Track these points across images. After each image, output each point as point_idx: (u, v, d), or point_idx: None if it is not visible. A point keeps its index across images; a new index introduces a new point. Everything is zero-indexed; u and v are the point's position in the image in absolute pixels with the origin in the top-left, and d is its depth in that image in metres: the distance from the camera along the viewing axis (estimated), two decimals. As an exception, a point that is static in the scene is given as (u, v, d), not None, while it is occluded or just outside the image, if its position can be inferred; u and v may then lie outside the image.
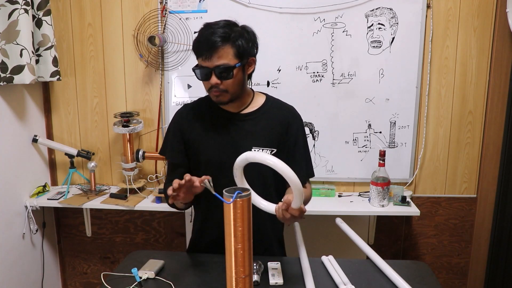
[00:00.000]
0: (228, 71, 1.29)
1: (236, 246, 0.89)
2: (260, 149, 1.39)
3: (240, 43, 1.30)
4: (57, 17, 2.18)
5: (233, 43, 1.29)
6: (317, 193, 2.16)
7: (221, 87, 1.31)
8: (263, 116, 1.42)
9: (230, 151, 1.36)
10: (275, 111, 1.44)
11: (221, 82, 1.30)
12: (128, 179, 2.15)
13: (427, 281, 1.30)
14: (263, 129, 1.41)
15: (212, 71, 1.29)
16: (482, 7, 2.03)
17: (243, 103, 1.42)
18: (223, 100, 1.34)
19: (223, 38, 1.27)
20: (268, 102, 1.46)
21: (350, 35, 2.07)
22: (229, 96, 1.33)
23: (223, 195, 0.89)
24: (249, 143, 1.39)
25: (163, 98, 2.21)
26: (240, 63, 1.31)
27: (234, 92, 1.34)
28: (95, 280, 2.51)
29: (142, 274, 1.29)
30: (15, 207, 2.07)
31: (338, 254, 1.47)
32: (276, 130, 1.42)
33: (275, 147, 1.41)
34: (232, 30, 1.30)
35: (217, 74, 1.29)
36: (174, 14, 2.12)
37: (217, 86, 1.31)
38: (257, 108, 1.43)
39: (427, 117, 2.14)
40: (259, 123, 1.41)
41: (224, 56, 1.28)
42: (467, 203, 2.24)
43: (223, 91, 1.32)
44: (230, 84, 1.31)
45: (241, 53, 1.31)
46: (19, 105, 2.09)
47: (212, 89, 1.33)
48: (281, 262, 1.38)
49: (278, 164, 1.04)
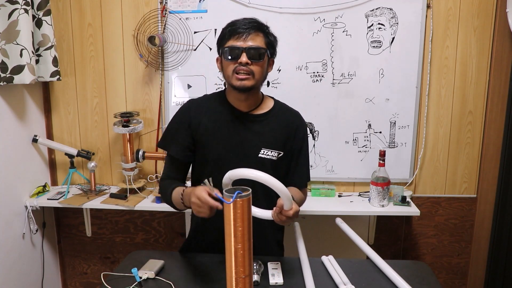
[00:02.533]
0: (260, 53, 1.33)
1: (236, 246, 0.89)
2: (269, 151, 1.42)
3: (271, 38, 1.39)
4: (57, 17, 2.18)
5: (265, 34, 1.37)
6: (317, 193, 2.16)
7: (249, 68, 1.32)
8: (272, 119, 1.45)
9: (239, 150, 1.39)
10: (284, 115, 1.47)
11: (251, 63, 1.32)
12: (128, 179, 2.15)
13: (427, 281, 1.30)
14: (272, 132, 1.43)
15: (243, 51, 1.31)
16: (482, 7, 2.03)
17: (254, 103, 1.44)
18: (247, 84, 1.34)
19: (259, 25, 1.36)
20: (277, 105, 1.49)
21: (350, 35, 2.07)
22: (253, 81, 1.35)
23: (223, 195, 0.89)
24: (259, 144, 1.41)
25: (163, 98, 2.21)
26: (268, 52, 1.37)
27: (258, 79, 1.36)
28: (95, 280, 2.51)
29: (142, 274, 1.29)
30: (15, 207, 2.07)
31: (338, 254, 1.47)
32: (284, 133, 1.44)
33: (282, 150, 1.44)
34: (264, 25, 1.38)
35: (249, 54, 1.32)
36: (174, 14, 2.12)
37: (246, 66, 1.32)
38: (267, 110, 1.45)
39: (427, 117, 2.14)
40: (268, 125, 1.43)
41: (257, 40, 1.34)
42: (467, 203, 2.24)
43: (250, 74, 1.33)
44: (257, 68, 1.34)
45: (270, 46, 1.38)
46: (19, 105, 2.09)
47: (237, 71, 1.33)
48: (281, 262, 1.38)
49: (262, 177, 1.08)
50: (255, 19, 1.37)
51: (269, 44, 1.37)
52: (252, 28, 1.33)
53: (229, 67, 1.34)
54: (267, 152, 1.41)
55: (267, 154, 1.42)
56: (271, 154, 1.42)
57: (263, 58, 1.34)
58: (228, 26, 1.37)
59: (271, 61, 1.43)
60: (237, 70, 1.32)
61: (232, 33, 1.33)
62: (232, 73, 1.34)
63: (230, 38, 1.34)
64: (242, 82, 1.33)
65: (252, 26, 1.33)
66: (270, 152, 1.42)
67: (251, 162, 1.39)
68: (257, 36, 1.34)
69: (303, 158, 1.50)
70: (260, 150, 1.41)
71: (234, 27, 1.34)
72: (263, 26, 1.37)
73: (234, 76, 1.34)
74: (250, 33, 1.32)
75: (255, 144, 1.41)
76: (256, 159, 1.40)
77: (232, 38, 1.33)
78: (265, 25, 1.38)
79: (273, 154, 1.42)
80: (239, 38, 1.32)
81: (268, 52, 1.37)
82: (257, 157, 1.41)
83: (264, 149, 1.41)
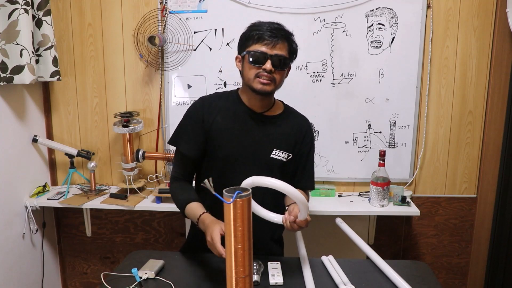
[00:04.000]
0: (284, 62, 1.36)
1: (236, 246, 0.89)
2: (280, 152, 1.44)
3: (294, 46, 1.41)
4: (57, 17, 2.18)
5: (290, 44, 1.38)
6: (317, 193, 2.16)
7: (272, 75, 1.35)
8: (284, 121, 1.47)
9: (250, 149, 1.41)
10: (294, 118, 1.51)
11: (275, 70, 1.34)
12: (128, 179, 2.15)
13: (427, 281, 1.30)
14: (283, 134, 1.45)
15: (269, 58, 1.33)
16: (482, 7, 2.03)
17: (268, 104, 1.46)
18: (268, 89, 1.36)
19: (286, 33, 1.37)
20: (287, 109, 1.53)
21: (350, 35, 2.07)
22: (273, 87, 1.38)
23: (223, 195, 0.89)
24: (271, 145, 1.43)
25: (163, 98, 2.21)
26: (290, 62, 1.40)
27: (278, 85, 1.39)
28: (95, 280, 2.51)
29: (142, 274, 1.29)
30: (15, 207, 2.07)
31: (338, 254, 1.47)
32: (294, 137, 1.47)
33: (291, 153, 1.47)
34: (290, 33, 1.39)
35: (274, 62, 1.33)
36: (174, 14, 2.12)
37: (270, 73, 1.34)
38: (279, 112, 1.48)
39: (427, 117, 2.14)
40: (280, 127, 1.46)
41: (283, 49, 1.36)
42: (467, 203, 2.24)
43: (271, 81, 1.35)
44: (279, 76, 1.37)
45: (292, 53, 1.40)
46: (19, 105, 2.09)
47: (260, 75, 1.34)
48: (281, 262, 1.38)
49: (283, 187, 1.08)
50: (282, 25, 1.38)
51: (292, 52, 1.40)
52: (280, 36, 1.34)
53: (251, 70, 1.36)
54: (278, 153, 1.44)
55: (278, 155, 1.44)
56: (281, 156, 1.44)
57: (286, 67, 1.38)
58: (255, 29, 1.37)
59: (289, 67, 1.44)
60: (259, 75, 1.35)
61: (260, 38, 1.34)
62: (254, 76, 1.35)
63: (257, 42, 1.35)
64: (263, 87, 1.35)
65: (279, 35, 1.34)
66: (281, 154, 1.44)
67: (262, 162, 1.41)
68: (283, 44, 1.35)
69: (310, 163, 1.53)
70: (272, 151, 1.43)
71: (262, 32, 1.34)
72: (289, 34, 1.39)
73: (256, 80, 1.35)
74: (278, 41, 1.34)
75: (267, 144, 1.43)
76: (267, 159, 1.42)
77: (259, 42, 1.34)
78: (290, 32, 1.39)
79: (284, 155, 1.45)
80: (266, 44, 1.34)
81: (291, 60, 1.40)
82: (268, 158, 1.43)
83: (276, 150, 1.43)
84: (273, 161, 1.43)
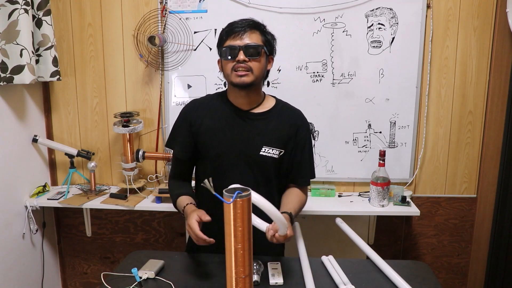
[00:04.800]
0: (257, 50, 1.35)
1: (236, 246, 0.89)
2: (270, 149, 1.43)
3: (268, 36, 1.41)
4: (57, 17, 2.18)
5: (262, 32, 1.39)
6: (317, 193, 2.16)
7: (248, 65, 1.34)
8: (273, 117, 1.46)
9: (239, 148, 1.41)
10: (286, 113, 1.48)
11: (249, 60, 1.34)
12: (128, 179, 2.15)
13: (427, 281, 1.30)
14: (273, 130, 1.44)
15: (240, 49, 1.34)
16: (482, 7, 2.03)
17: (256, 100, 1.45)
18: (247, 80, 1.35)
19: (255, 24, 1.39)
20: (279, 104, 1.50)
21: (350, 35, 2.07)
22: (253, 77, 1.36)
23: (223, 195, 0.89)
24: (260, 142, 1.42)
25: (163, 98, 2.21)
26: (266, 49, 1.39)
27: (257, 76, 1.38)
28: (95, 280, 2.51)
29: (142, 274, 1.29)
30: (15, 207, 2.07)
31: (338, 254, 1.47)
32: (286, 132, 1.45)
33: (283, 149, 1.45)
34: (261, 24, 1.41)
35: (246, 51, 1.34)
36: (174, 14, 2.12)
37: (244, 62, 1.34)
38: (268, 109, 1.47)
39: (427, 117, 2.14)
40: (270, 123, 1.44)
41: (253, 38, 1.36)
42: (467, 203, 2.24)
43: (249, 71, 1.35)
44: (256, 64, 1.36)
45: (267, 43, 1.40)
46: (19, 105, 2.09)
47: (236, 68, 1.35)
48: (281, 262, 1.38)
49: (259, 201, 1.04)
50: (251, 18, 1.40)
51: (266, 41, 1.40)
52: (248, 26, 1.36)
53: (228, 65, 1.37)
54: (268, 150, 1.42)
55: (268, 152, 1.42)
56: (272, 152, 1.43)
57: (260, 54, 1.36)
58: (225, 28, 1.40)
59: (270, 58, 1.44)
60: (235, 68, 1.35)
61: (229, 33, 1.37)
62: (231, 71, 1.36)
63: (227, 38, 1.37)
64: (241, 79, 1.35)
65: (248, 25, 1.36)
66: (272, 150, 1.43)
67: (251, 160, 1.41)
68: (254, 33, 1.37)
69: (305, 156, 1.50)
70: (261, 148, 1.42)
71: (231, 28, 1.37)
72: (259, 25, 1.40)
73: (233, 74, 1.36)
74: (246, 31, 1.35)
75: (256, 142, 1.42)
76: (256, 157, 1.42)
77: (229, 38, 1.36)
78: (261, 23, 1.41)
79: (274, 152, 1.43)
80: (236, 37, 1.35)
81: (266, 49, 1.39)
82: (257, 155, 1.42)
83: (265, 147, 1.42)
84: (263, 158, 1.42)
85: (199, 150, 1.46)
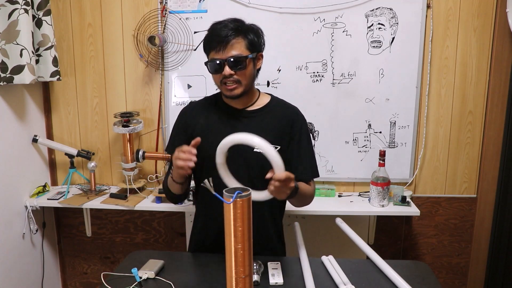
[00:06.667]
0: (241, 62, 1.33)
1: (236, 246, 0.89)
2: None
3: (251, 36, 1.36)
4: (57, 17, 2.18)
5: (244, 35, 1.34)
6: (317, 193, 2.16)
7: (235, 77, 1.33)
8: (268, 114, 1.45)
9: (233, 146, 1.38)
10: (280, 109, 1.48)
11: (235, 72, 1.33)
12: (128, 179, 2.15)
13: (427, 281, 1.30)
14: (268, 126, 1.43)
15: (225, 62, 1.32)
16: (482, 7, 2.03)
17: (250, 100, 1.45)
18: (237, 92, 1.36)
19: (235, 30, 1.32)
20: (273, 101, 1.50)
21: (350, 35, 2.07)
22: (242, 88, 1.36)
23: (223, 195, 0.89)
24: None
25: (163, 98, 2.21)
26: (251, 55, 1.35)
27: (246, 84, 1.37)
28: (95, 280, 2.51)
29: (142, 274, 1.29)
30: (15, 207, 2.07)
31: (338, 254, 1.47)
32: (281, 127, 1.45)
33: (279, 144, 1.43)
34: (242, 24, 1.36)
35: (231, 64, 1.32)
36: (174, 14, 2.12)
37: (231, 77, 1.33)
38: (262, 106, 1.46)
39: (427, 117, 2.14)
40: (264, 120, 1.44)
41: (237, 48, 1.32)
42: (467, 203, 2.24)
43: (237, 82, 1.34)
44: (243, 74, 1.34)
45: (252, 45, 1.36)
46: (19, 105, 2.09)
47: (225, 82, 1.34)
48: (281, 262, 1.38)
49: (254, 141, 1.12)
50: (232, 22, 1.34)
51: (251, 44, 1.35)
52: (230, 35, 1.31)
53: (215, 77, 1.38)
54: None
55: None
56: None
57: (245, 65, 1.34)
58: (207, 36, 1.36)
59: (259, 55, 1.41)
60: (223, 82, 1.35)
61: (211, 46, 1.34)
62: (220, 84, 1.37)
63: (210, 50, 1.35)
64: (231, 92, 1.36)
65: (227, 34, 1.31)
66: None
67: (246, 158, 1.40)
68: (237, 42, 1.32)
69: (303, 150, 1.47)
70: None
71: (211, 39, 1.34)
72: (241, 28, 1.34)
73: (223, 87, 1.37)
74: (228, 41, 1.31)
75: None
76: (251, 154, 1.40)
77: (212, 51, 1.34)
78: (243, 23, 1.36)
79: None
80: (217, 50, 1.32)
81: (251, 55, 1.35)
82: (252, 152, 1.40)
83: None
84: (258, 155, 1.39)
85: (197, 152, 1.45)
